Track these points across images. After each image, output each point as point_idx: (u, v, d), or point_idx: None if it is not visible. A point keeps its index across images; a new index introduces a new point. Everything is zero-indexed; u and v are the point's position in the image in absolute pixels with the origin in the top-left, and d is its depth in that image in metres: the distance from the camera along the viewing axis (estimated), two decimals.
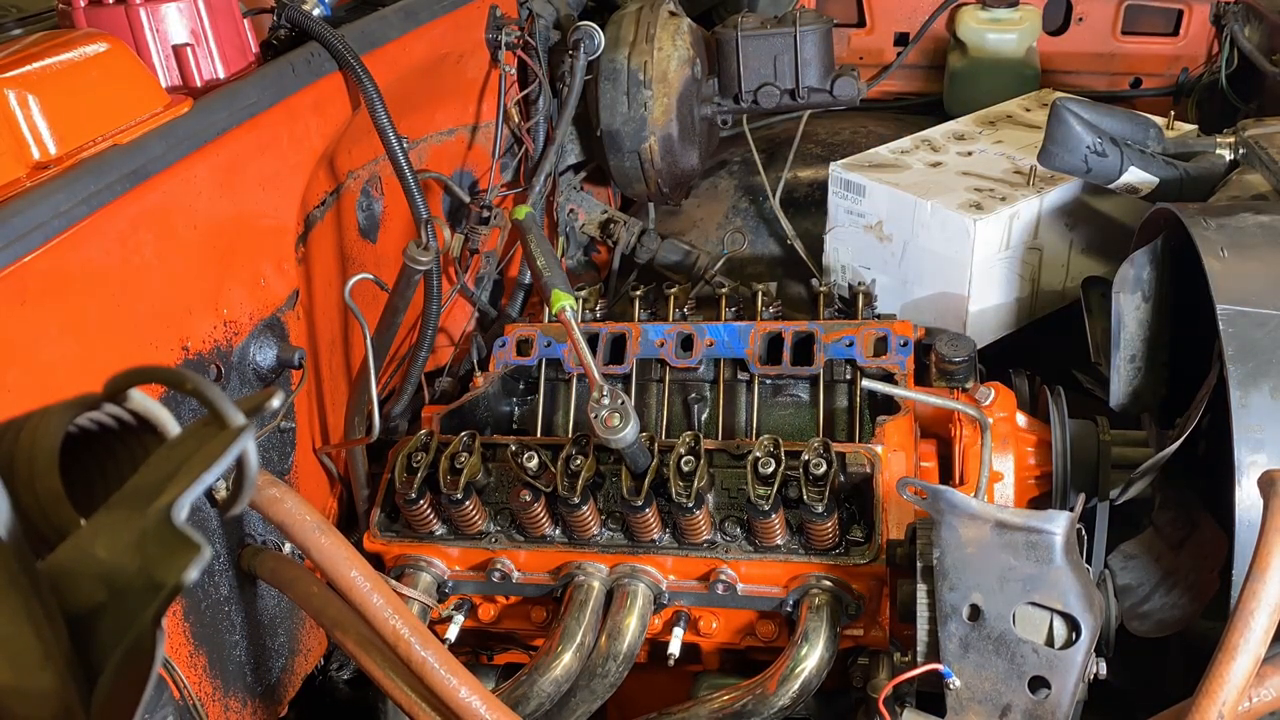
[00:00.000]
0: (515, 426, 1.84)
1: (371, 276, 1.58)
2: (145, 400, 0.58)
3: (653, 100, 2.18)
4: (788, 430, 1.71)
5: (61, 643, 0.49)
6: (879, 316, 1.89)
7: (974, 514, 1.24)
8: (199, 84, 1.41)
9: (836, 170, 2.04)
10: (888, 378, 1.63)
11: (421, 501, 1.54)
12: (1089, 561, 1.49)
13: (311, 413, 1.65)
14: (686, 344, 1.76)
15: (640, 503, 1.45)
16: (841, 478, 1.46)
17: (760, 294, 1.91)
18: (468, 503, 1.53)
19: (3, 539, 0.50)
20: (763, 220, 2.29)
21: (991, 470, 1.51)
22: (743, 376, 1.75)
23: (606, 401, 1.39)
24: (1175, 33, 2.57)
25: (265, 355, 1.44)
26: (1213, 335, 1.36)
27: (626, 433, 1.39)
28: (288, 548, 1.43)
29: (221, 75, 1.44)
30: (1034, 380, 1.75)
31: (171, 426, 0.58)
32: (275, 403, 0.56)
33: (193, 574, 0.47)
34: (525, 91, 2.16)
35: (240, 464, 0.54)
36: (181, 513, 0.49)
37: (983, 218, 1.79)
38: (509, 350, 1.81)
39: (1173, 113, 2.01)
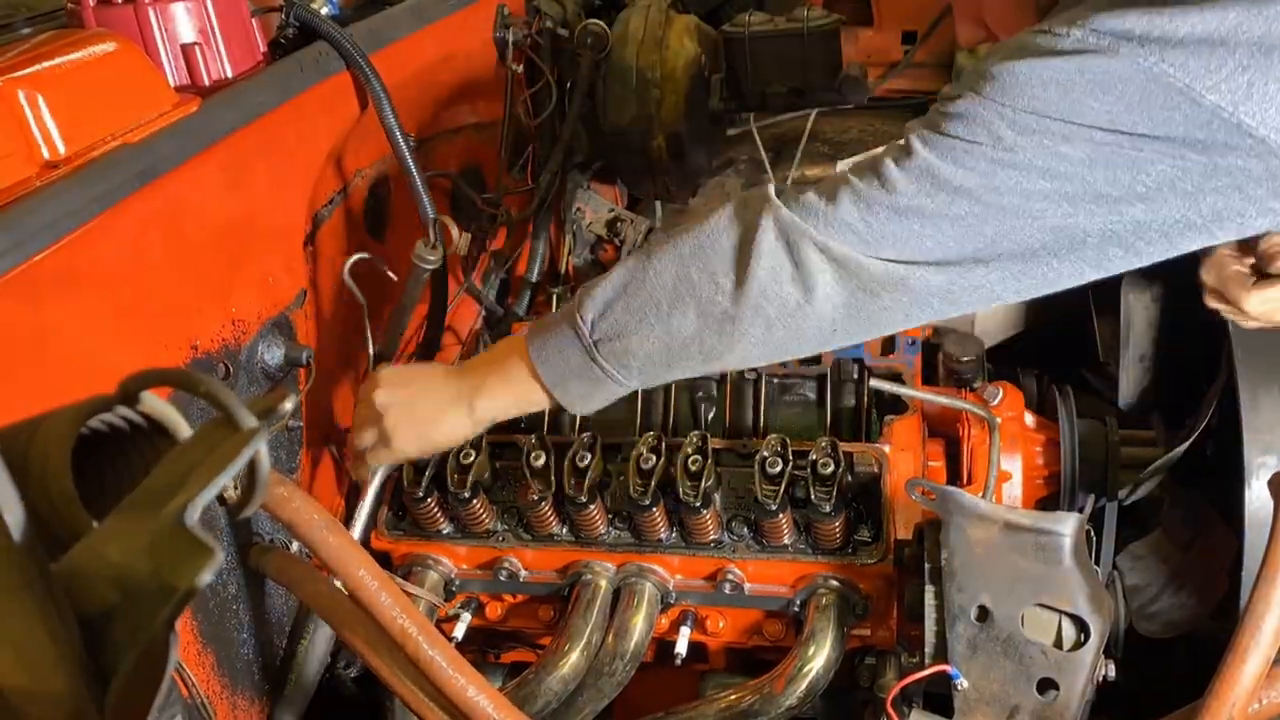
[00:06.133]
0: (522, 425, 1.84)
1: (369, 255, 1.58)
2: (158, 403, 0.58)
3: (660, 99, 2.18)
4: (795, 429, 1.70)
5: (75, 645, 0.49)
6: None
7: (982, 515, 1.24)
8: (207, 83, 1.41)
9: (844, 169, 2.04)
10: (895, 377, 1.63)
11: (429, 500, 1.54)
12: (1097, 562, 1.49)
13: (319, 411, 1.65)
14: None
15: (647, 502, 1.45)
16: (849, 477, 1.46)
17: None
18: (475, 501, 1.53)
19: (16, 541, 0.51)
20: None
21: (1000, 470, 1.51)
22: (750, 375, 1.74)
23: None
24: None
25: (273, 354, 1.44)
26: (1222, 334, 1.35)
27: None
28: (295, 546, 1.44)
29: (230, 74, 1.44)
30: (1042, 380, 1.75)
31: (183, 429, 0.58)
32: (288, 405, 0.56)
33: (206, 578, 0.47)
34: (532, 90, 2.16)
35: (252, 466, 0.55)
36: (194, 516, 0.49)
37: None
38: None
39: None
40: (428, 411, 1.30)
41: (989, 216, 1.00)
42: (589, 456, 1.47)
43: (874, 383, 1.58)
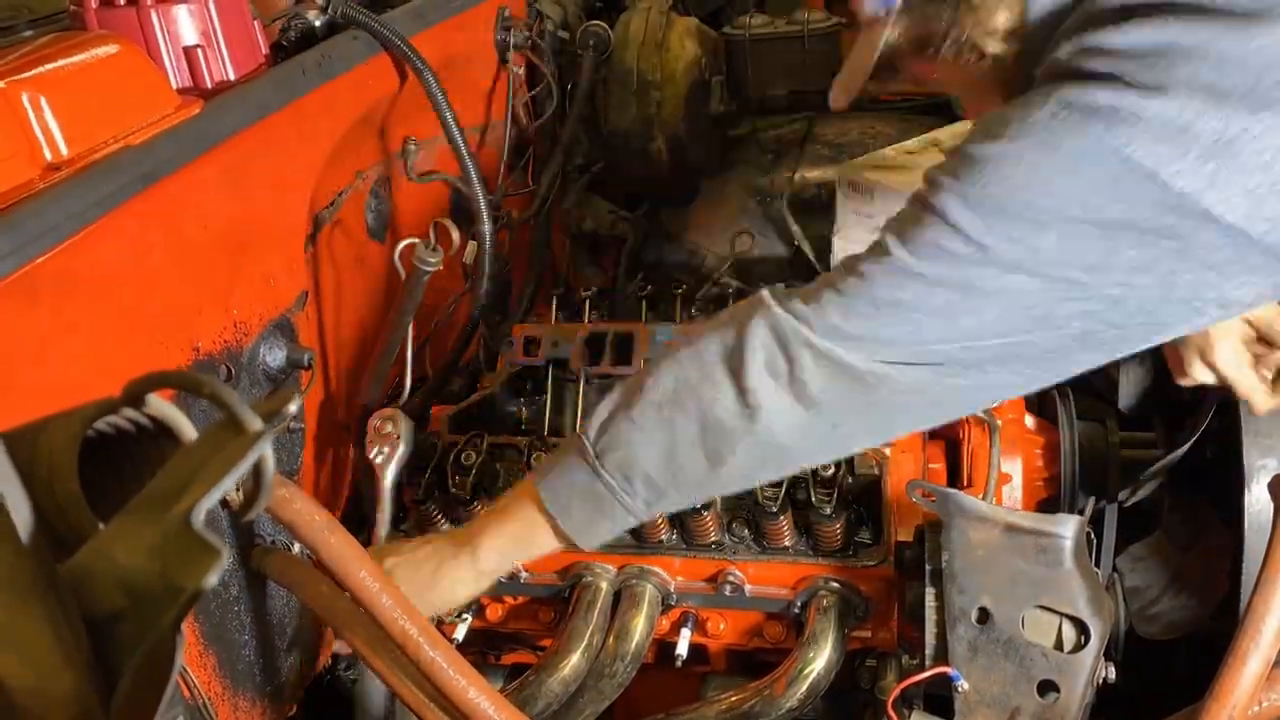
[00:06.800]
0: (523, 427, 1.84)
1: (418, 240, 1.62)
2: (163, 405, 0.58)
3: (661, 101, 2.18)
4: None
5: (82, 646, 0.49)
6: None
7: (983, 517, 1.24)
8: (209, 85, 1.41)
9: (844, 171, 2.04)
10: None
11: (430, 502, 1.54)
12: (1098, 564, 1.49)
13: (321, 413, 1.65)
14: None
15: None
16: (850, 480, 1.46)
17: None
18: (475, 503, 1.53)
19: (23, 542, 0.51)
20: (770, 221, 2.29)
21: (1000, 472, 1.51)
22: None
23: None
24: None
25: (275, 356, 1.44)
26: None
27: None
28: (297, 548, 1.44)
29: (232, 76, 1.44)
30: None
31: (189, 431, 0.59)
32: (293, 407, 0.56)
33: (212, 579, 0.47)
34: (533, 92, 2.16)
35: (257, 468, 0.55)
36: (200, 517, 0.49)
37: None
38: (516, 350, 1.81)
39: None
40: (427, 575, 1.28)
41: (966, 308, 1.00)
42: None
43: None
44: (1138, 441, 1.61)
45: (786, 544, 1.47)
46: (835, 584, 1.45)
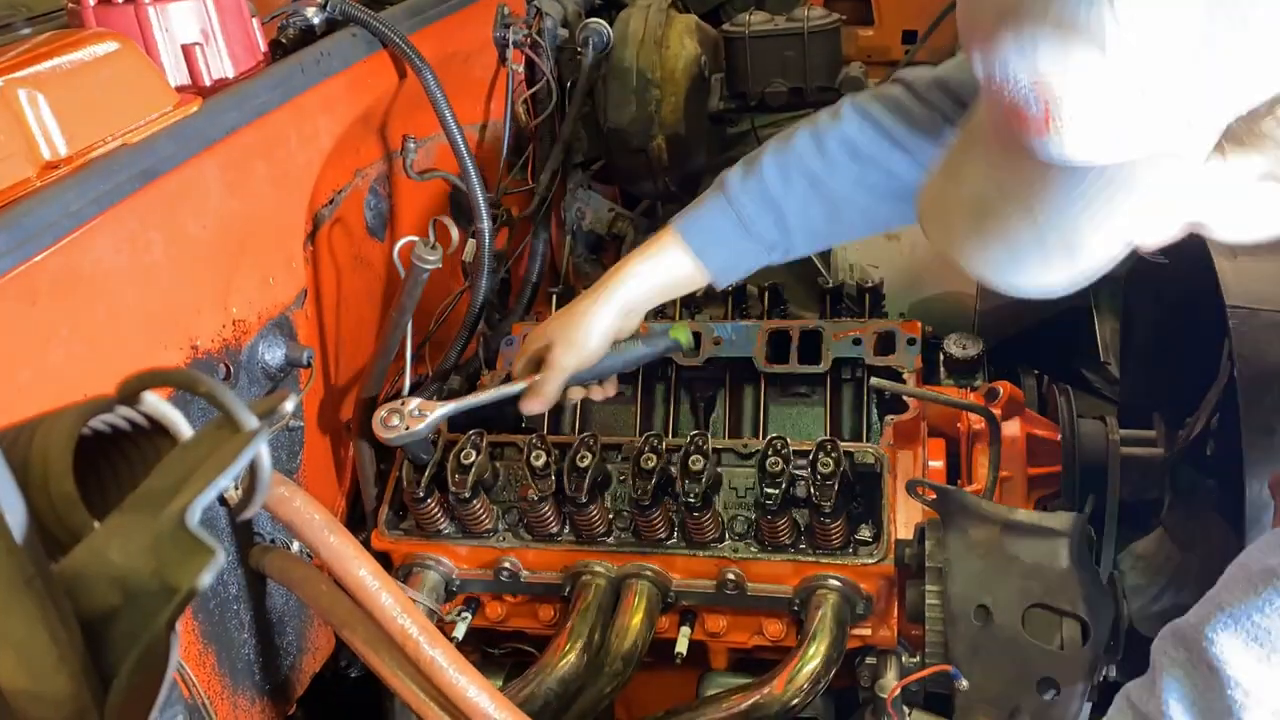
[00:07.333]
0: (523, 425, 1.84)
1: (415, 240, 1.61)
2: (158, 403, 0.58)
3: (660, 99, 2.18)
4: (795, 429, 1.70)
5: (76, 646, 0.49)
6: (887, 315, 1.89)
7: (983, 515, 1.24)
8: (208, 83, 1.41)
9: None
10: (896, 376, 1.63)
11: (429, 500, 1.54)
12: (1098, 562, 1.49)
13: (320, 411, 1.65)
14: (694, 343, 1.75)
15: (648, 502, 1.45)
16: (849, 477, 1.46)
17: (767, 293, 1.91)
18: (475, 501, 1.53)
19: (17, 542, 0.51)
20: None
21: (1000, 470, 1.51)
22: (750, 375, 1.75)
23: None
24: None
25: (274, 354, 1.44)
26: (1223, 334, 1.35)
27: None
28: (296, 546, 1.44)
29: (230, 74, 1.44)
30: (1042, 379, 1.75)
31: (184, 429, 0.58)
32: (289, 406, 0.56)
33: (207, 578, 0.47)
34: (533, 90, 2.16)
35: (253, 467, 0.55)
36: (195, 516, 0.49)
37: None
38: (515, 349, 1.81)
39: None
40: (571, 313, 1.42)
41: None
42: (589, 456, 1.47)
43: (874, 382, 1.58)
44: (1138, 439, 1.61)
45: (786, 542, 1.47)
46: (835, 582, 1.45)
